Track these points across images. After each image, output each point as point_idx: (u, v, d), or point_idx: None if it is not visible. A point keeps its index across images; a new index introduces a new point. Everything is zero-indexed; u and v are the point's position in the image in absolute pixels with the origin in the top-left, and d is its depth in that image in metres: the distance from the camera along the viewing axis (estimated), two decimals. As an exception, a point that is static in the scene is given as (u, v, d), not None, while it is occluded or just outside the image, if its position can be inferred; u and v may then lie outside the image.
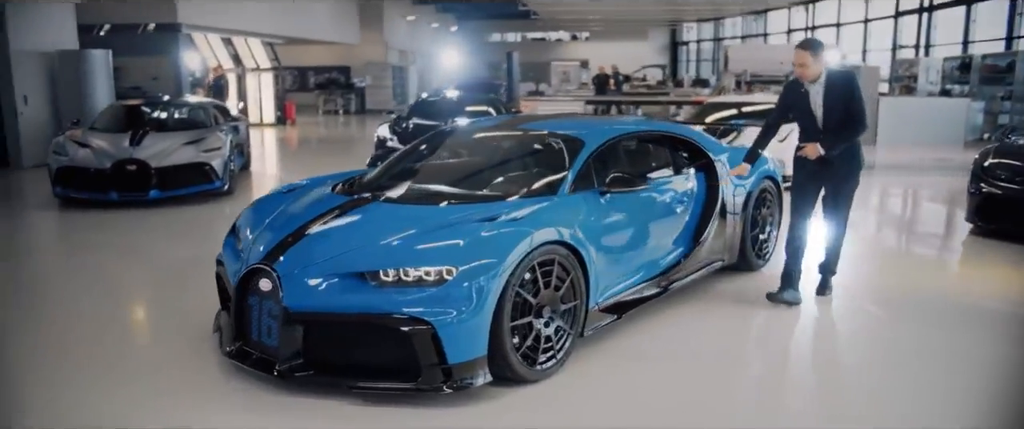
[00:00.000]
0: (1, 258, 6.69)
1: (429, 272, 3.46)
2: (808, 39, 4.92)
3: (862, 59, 24.89)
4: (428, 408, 3.48)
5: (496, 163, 4.78)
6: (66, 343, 4.45)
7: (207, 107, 10.51)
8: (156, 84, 16.81)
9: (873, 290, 5.53)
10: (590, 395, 3.68)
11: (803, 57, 4.71)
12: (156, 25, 16.67)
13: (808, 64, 4.70)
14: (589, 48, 41.01)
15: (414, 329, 3.38)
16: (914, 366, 4.05)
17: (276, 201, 4.56)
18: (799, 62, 4.72)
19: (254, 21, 19.13)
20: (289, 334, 3.56)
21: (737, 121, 10.17)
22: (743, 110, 11.04)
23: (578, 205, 4.11)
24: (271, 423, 3.41)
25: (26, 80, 12.13)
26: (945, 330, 4.63)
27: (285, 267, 3.67)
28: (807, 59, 4.70)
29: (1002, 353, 4.27)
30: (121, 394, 3.72)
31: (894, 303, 5.17)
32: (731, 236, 5.41)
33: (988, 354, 4.23)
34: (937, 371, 3.99)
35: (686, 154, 5.38)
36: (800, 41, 4.88)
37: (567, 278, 3.87)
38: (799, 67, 4.73)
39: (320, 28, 23.39)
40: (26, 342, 4.51)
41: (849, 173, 4.87)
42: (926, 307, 5.07)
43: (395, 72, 28.51)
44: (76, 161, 8.56)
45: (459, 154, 4.99)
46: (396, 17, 31.16)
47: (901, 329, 4.66)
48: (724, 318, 4.77)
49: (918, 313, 4.94)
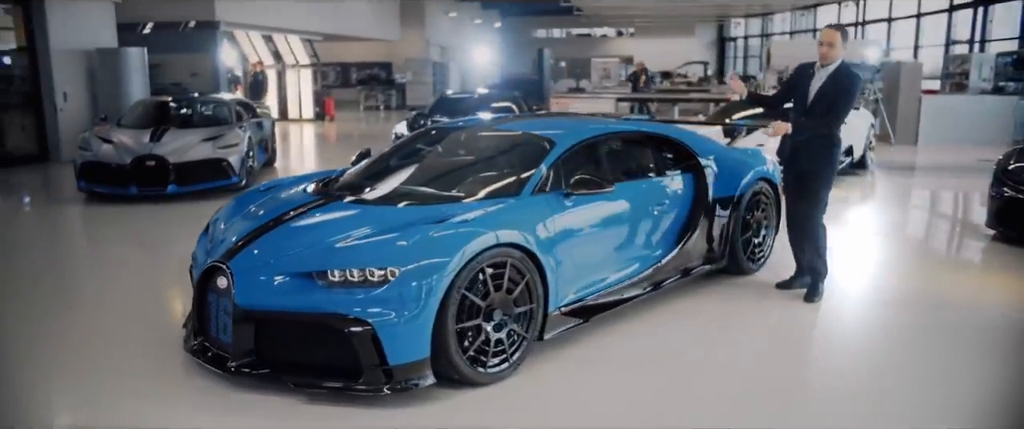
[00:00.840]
0: (20, 249, 6.95)
1: (373, 273, 3.47)
2: (840, 24, 4.96)
3: (913, 56, 24.08)
4: (377, 408, 3.48)
5: (467, 164, 4.77)
6: (55, 334, 4.59)
7: (230, 104, 10.73)
8: (196, 80, 17.23)
9: (872, 295, 5.36)
10: (541, 399, 3.64)
11: (833, 36, 4.77)
12: (196, 23, 17.08)
13: (836, 44, 4.75)
14: (634, 44, 40.61)
15: (354, 330, 3.39)
16: (906, 382, 3.90)
17: (251, 199, 4.63)
18: (828, 41, 4.76)
19: (292, 19, 19.45)
20: (241, 331, 3.61)
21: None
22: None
23: (539, 207, 4.06)
24: (223, 423, 3.46)
25: (66, 78, 12.57)
26: (948, 341, 4.44)
27: (240, 265, 3.72)
28: (836, 39, 4.76)
29: (1010, 366, 4.08)
30: (80, 388, 3.83)
31: (891, 308, 4.99)
32: (718, 239, 5.29)
33: (993, 369, 4.05)
34: (935, 386, 3.84)
35: (671, 155, 5.28)
36: (831, 23, 4.92)
37: (521, 281, 3.83)
38: (827, 47, 4.76)
39: (359, 25, 23.64)
40: (26, 333, 4.67)
41: (817, 164, 4.85)
42: (929, 315, 4.89)
43: (436, 68, 28.67)
44: (99, 156, 8.83)
45: (437, 154, 4.99)
46: (438, 13, 31.34)
47: (895, 337, 4.49)
48: (701, 325, 4.66)
49: (917, 320, 4.77)
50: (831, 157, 4.91)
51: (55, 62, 12.35)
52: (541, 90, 17.43)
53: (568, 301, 4.20)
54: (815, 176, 4.92)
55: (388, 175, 4.67)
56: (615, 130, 5.06)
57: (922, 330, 4.63)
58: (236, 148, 9.26)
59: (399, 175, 4.64)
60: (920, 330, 4.63)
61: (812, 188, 4.94)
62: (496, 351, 3.75)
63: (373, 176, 4.69)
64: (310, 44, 22.46)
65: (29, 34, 12.26)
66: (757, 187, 5.59)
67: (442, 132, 5.25)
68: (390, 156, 5.06)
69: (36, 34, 12.24)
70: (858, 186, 10.18)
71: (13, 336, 4.60)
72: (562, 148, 4.46)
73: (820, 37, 4.85)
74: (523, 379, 3.82)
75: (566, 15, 36.10)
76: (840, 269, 5.77)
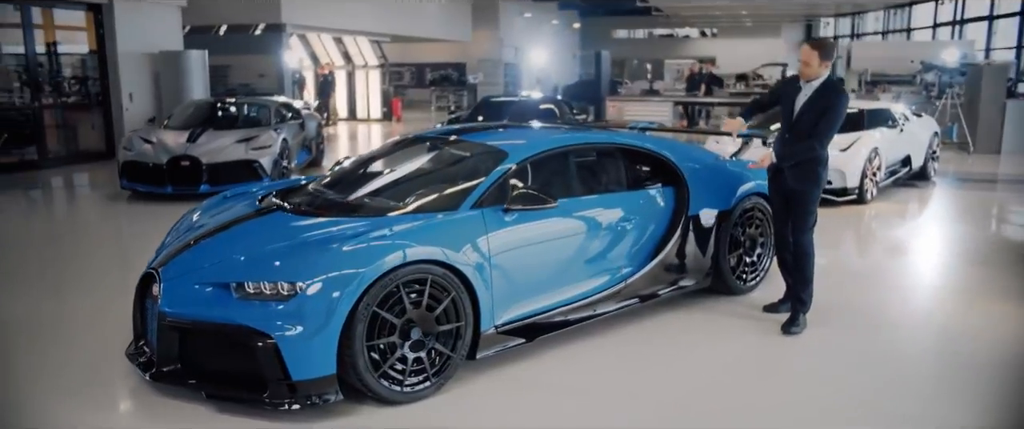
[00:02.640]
0: (48, 238, 7.33)
1: (281, 286, 3.44)
2: (822, 39, 4.77)
3: (1016, 56, 22.40)
4: (284, 422, 3.46)
5: (421, 175, 4.69)
6: (41, 332, 4.79)
7: (270, 105, 11.02)
8: (262, 81, 17.85)
9: (864, 320, 4.94)
10: (456, 419, 3.54)
11: (809, 55, 4.58)
12: (265, 26, 17.66)
13: (812, 63, 4.56)
14: (717, 45, 39.52)
15: (257, 343, 3.37)
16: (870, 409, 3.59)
17: (211, 206, 4.70)
18: (804, 59, 4.61)
19: (358, 20, 19.82)
20: (166, 339, 3.65)
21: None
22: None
23: (473, 222, 3.93)
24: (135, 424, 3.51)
25: (132, 79, 13.20)
26: (945, 385, 4.08)
27: (170, 273, 3.77)
28: (813, 58, 4.56)
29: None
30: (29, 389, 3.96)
31: (881, 335, 4.61)
32: (697, 257, 5.02)
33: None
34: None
35: (648, 168, 5.05)
36: (811, 38, 4.71)
37: (446, 298, 3.72)
38: (803, 65, 4.60)
39: (427, 26, 23.86)
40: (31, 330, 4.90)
41: (804, 184, 4.60)
42: (921, 347, 4.50)
43: (508, 69, 28.69)
44: (139, 156, 9.22)
45: (398, 164, 4.93)
46: (512, 14, 31.32)
47: (874, 373, 4.13)
48: (658, 349, 4.41)
49: (906, 351, 4.39)
50: (817, 177, 4.61)
51: (122, 64, 12.99)
52: (598, 93, 17.14)
53: (507, 320, 4.06)
54: (801, 197, 4.62)
55: (343, 185, 4.64)
56: (582, 141, 4.87)
57: (908, 364, 4.25)
58: (268, 150, 9.49)
59: (352, 186, 4.60)
60: (906, 364, 4.25)
61: (798, 210, 4.65)
62: (415, 370, 3.66)
63: (329, 185, 4.68)
64: (378, 45, 22.86)
65: (99, 38, 12.94)
66: (750, 202, 5.28)
67: (413, 140, 5.19)
68: (357, 165, 5.04)
69: (106, 37, 12.90)
70: (911, 199, 9.54)
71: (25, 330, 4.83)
72: (514, 161, 4.31)
73: (800, 54, 4.61)
74: (444, 399, 3.72)
75: (646, 15, 35.46)
76: (835, 290, 5.41)
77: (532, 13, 32.74)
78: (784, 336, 4.59)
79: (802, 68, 4.59)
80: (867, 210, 8.71)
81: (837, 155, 8.76)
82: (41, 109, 12.31)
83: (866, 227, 8.23)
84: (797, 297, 4.70)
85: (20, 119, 12.14)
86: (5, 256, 6.85)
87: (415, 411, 3.60)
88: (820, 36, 37.78)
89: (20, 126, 12.09)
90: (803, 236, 4.64)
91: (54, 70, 13.02)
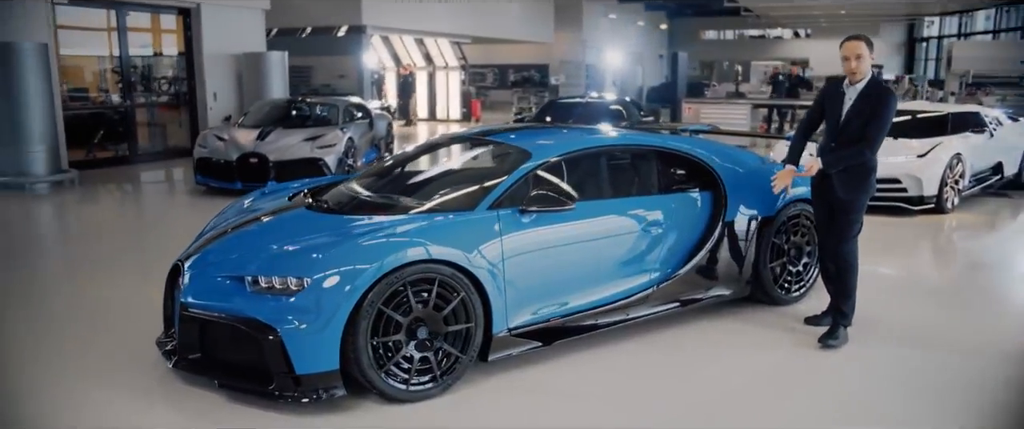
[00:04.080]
0: (125, 231, 7.74)
1: (290, 281, 3.50)
2: (860, 33, 4.38)
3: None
4: (287, 415, 3.52)
5: (445, 174, 4.70)
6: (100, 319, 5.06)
7: (339, 105, 11.31)
8: (343, 82, 18.34)
9: (909, 340, 4.59)
10: (458, 420, 3.52)
11: (858, 47, 4.23)
12: (347, 28, 18.15)
13: (863, 55, 4.22)
14: (810, 46, 38.08)
15: (264, 336, 3.44)
16: None
17: (254, 200, 4.85)
18: (854, 53, 4.22)
19: (437, 21, 20.09)
20: (187, 329, 3.77)
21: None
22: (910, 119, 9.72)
23: (488, 223, 3.89)
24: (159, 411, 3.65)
25: (216, 79, 13.80)
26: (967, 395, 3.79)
27: (194, 265, 3.90)
28: (863, 50, 4.23)
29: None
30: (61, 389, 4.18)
31: (918, 353, 4.31)
32: (735, 265, 4.83)
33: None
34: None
35: (684, 171, 4.89)
36: (855, 33, 4.37)
37: (455, 298, 3.70)
38: (854, 59, 4.23)
39: (508, 27, 23.95)
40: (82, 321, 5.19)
41: (852, 193, 4.31)
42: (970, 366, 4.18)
43: (590, 71, 28.51)
44: (211, 153, 9.63)
45: (428, 163, 4.95)
46: (596, 15, 31.09)
47: (903, 393, 3.87)
48: (682, 360, 4.25)
49: (938, 379, 4.08)
50: (866, 185, 4.33)
51: (207, 65, 13.59)
52: (675, 95, 16.82)
53: (522, 323, 4.00)
54: (849, 207, 4.34)
55: (371, 183, 4.69)
56: (612, 143, 4.76)
57: (950, 393, 3.95)
58: (333, 148, 9.74)
59: (379, 184, 4.64)
60: (947, 394, 3.95)
61: (843, 218, 4.37)
62: (421, 369, 3.65)
63: (358, 184, 4.73)
64: (458, 46, 23.12)
65: (187, 40, 13.59)
66: (796, 209, 5.04)
67: (448, 141, 5.20)
68: (390, 164, 5.09)
69: (193, 39, 13.54)
70: (1000, 210, 8.92)
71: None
72: (536, 161, 4.26)
73: (844, 51, 4.27)
74: (450, 400, 3.70)
75: (735, 16, 34.56)
76: (890, 304, 5.10)
77: (617, 14, 32.41)
78: (820, 350, 4.35)
79: (852, 64, 4.23)
80: (946, 221, 8.19)
81: (914, 161, 8.30)
82: (133, 108, 13.02)
83: (943, 239, 7.74)
84: (838, 309, 4.45)
85: (114, 118, 12.87)
86: (85, 243, 7.27)
87: (418, 410, 3.59)
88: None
89: (114, 124, 12.83)
90: (846, 245, 4.38)
91: (145, 71, 13.74)
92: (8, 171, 9.91)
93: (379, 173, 4.91)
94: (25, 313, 5.08)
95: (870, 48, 4.24)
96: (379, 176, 4.84)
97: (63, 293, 5.66)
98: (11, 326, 4.86)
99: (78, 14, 12.15)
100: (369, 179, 4.82)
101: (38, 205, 9.26)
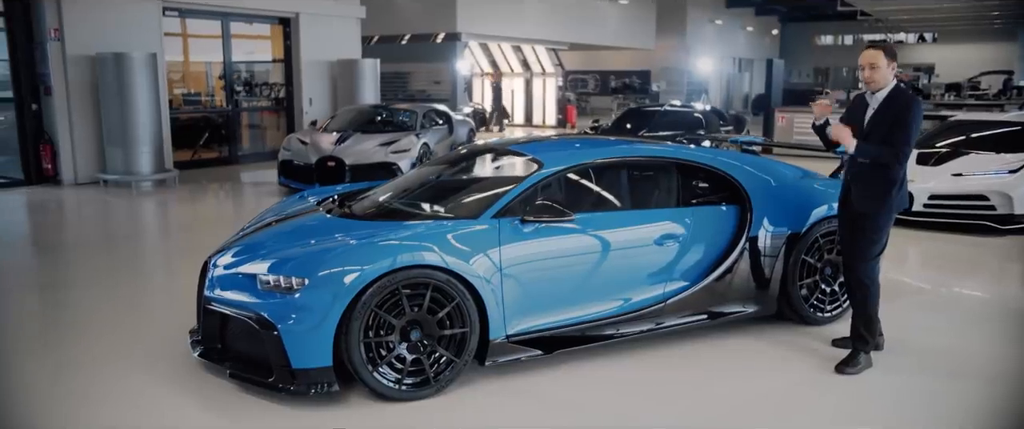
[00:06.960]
0: (206, 226, 8.32)
1: (292, 280, 3.71)
2: (882, 40, 4.19)
3: None
4: (286, 406, 3.74)
5: (461, 184, 4.81)
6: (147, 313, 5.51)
7: (419, 111, 11.68)
8: (437, 88, 18.85)
9: (943, 369, 4.32)
10: (450, 422, 3.63)
11: (875, 57, 4.06)
12: (444, 35, 18.65)
13: (879, 65, 4.05)
14: (935, 51, 35.87)
15: (264, 332, 3.67)
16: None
17: (286, 203, 5.14)
18: (869, 62, 4.07)
19: (533, 28, 20.29)
20: (209, 322, 4.07)
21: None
22: (987, 133, 9.10)
23: (487, 232, 3.98)
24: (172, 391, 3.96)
25: (313, 85, 14.51)
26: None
27: (219, 262, 4.19)
28: (879, 60, 4.05)
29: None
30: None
31: (953, 390, 4.06)
32: (759, 281, 4.70)
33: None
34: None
35: (707, 184, 4.80)
36: (873, 41, 4.21)
37: (450, 304, 3.82)
38: (869, 69, 4.08)
39: (605, 33, 23.88)
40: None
41: (871, 205, 4.12)
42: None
43: (690, 77, 28.00)
44: (293, 155, 10.16)
45: (450, 171, 5.09)
46: (701, 21, 30.49)
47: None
48: (688, 377, 4.18)
49: (958, 415, 3.85)
50: (888, 197, 4.13)
51: (305, 71, 14.32)
52: (769, 103, 16.30)
53: (521, 330, 4.07)
54: (865, 221, 4.16)
55: (393, 191, 4.86)
56: (629, 155, 4.74)
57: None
58: (407, 153, 10.08)
59: (400, 192, 4.79)
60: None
61: (861, 235, 4.18)
62: (413, 370, 3.79)
63: (382, 191, 4.92)
64: (555, 53, 23.25)
65: (287, 48, 14.36)
66: (831, 226, 4.85)
67: (478, 151, 5.33)
68: (417, 173, 5.27)
69: (292, 47, 14.30)
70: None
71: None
72: (547, 172, 4.31)
73: (860, 60, 4.10)
74: (442, 401, 3.81)
75: (851, 20, 33.00)
76: (937, 331, 4.81)
77: (723, 20, 31.65)
78: (835, 375, 4.18)
79: (868, 74, 4.07)
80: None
81: (1004, 177, 7.78)
82: (236, 112, 13.89)
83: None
84: (857, 333, 4.26)
85: (218, 121, 13.78)
86: (168, 237, 7.86)
87: (412, 409, 3.72)
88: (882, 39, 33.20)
89: (218, 127, 13.73)
90: (864, 265, 4.18)
91: (248, 77, 14.62)
92: (118, 169, 10.82)
93: (403, 182, 5.09)
94: (95, 293, 5.59)
95: (890, 58, 4.05)
96: (402, 184, 5.01)
97: (124, 281, 6.16)
98: (82, 308, 5.35)
99: (186, 24, 13.09)
100: (394, 186, 5.01)
101: (140, 200, 10.06)
